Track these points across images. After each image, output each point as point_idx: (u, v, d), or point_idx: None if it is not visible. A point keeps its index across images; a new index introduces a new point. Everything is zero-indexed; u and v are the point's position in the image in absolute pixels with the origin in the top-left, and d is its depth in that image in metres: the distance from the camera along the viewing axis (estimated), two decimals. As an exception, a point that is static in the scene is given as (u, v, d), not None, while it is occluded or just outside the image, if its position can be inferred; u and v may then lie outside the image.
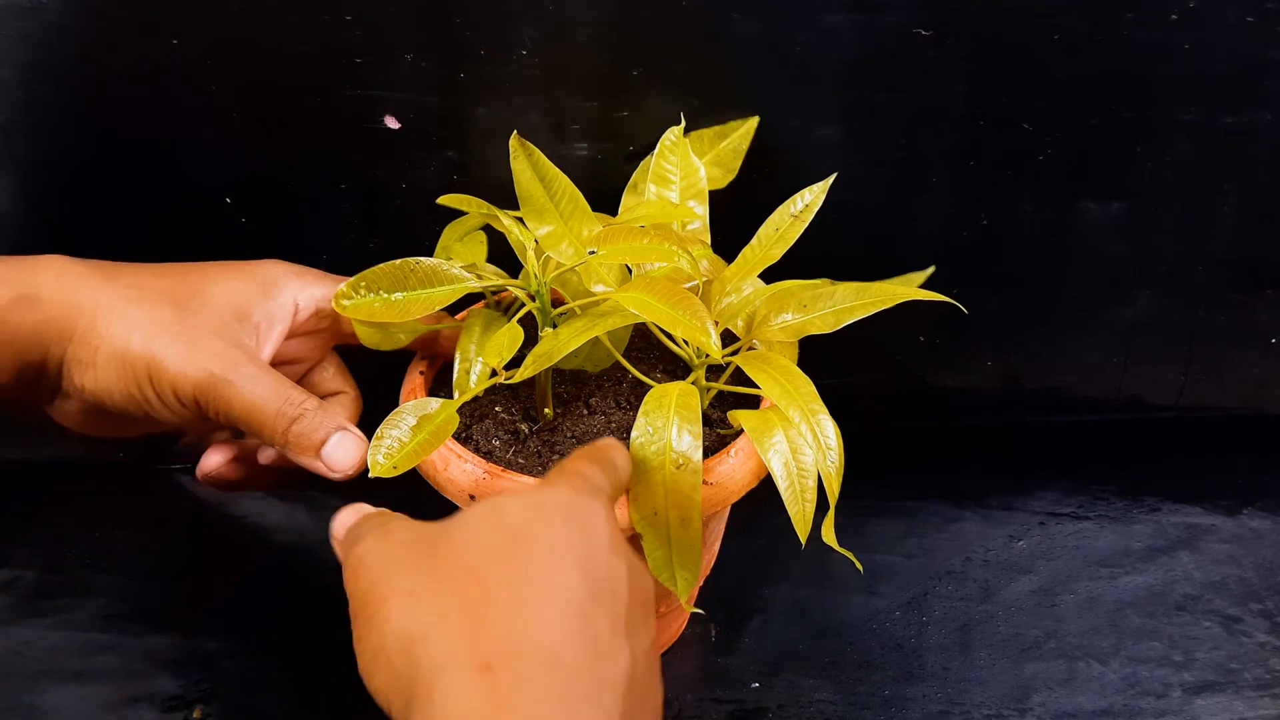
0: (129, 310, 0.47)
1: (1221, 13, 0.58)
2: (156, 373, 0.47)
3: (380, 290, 0.48)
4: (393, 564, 0.37)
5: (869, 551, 0.66)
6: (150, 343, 0.47)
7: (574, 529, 0.37)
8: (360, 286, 0.48)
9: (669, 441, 0.46)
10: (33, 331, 0.47)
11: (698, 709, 0.58)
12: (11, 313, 0.47)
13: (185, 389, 0.47)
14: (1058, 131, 0.62)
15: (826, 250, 0.56)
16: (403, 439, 0.45)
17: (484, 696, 0.32)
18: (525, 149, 0.49)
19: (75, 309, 0.47)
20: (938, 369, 0.72)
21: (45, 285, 0.47)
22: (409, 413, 0.46)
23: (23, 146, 0.58)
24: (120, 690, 0.57)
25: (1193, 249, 0.67)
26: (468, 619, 0.34)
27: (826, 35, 0.58)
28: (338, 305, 0.48)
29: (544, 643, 0.34)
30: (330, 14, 0.55)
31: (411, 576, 0.36)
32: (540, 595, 0.35)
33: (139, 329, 0.47)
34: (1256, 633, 0.63)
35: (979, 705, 0.58)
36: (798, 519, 0.46)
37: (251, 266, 0.52)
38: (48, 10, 0.54)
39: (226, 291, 0.50)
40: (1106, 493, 0.73)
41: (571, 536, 0.37)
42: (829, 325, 0.50)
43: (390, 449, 0.45)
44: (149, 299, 0.48)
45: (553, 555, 0.36)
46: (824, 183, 0.53)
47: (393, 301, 0.48)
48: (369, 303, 0.48)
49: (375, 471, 0.44)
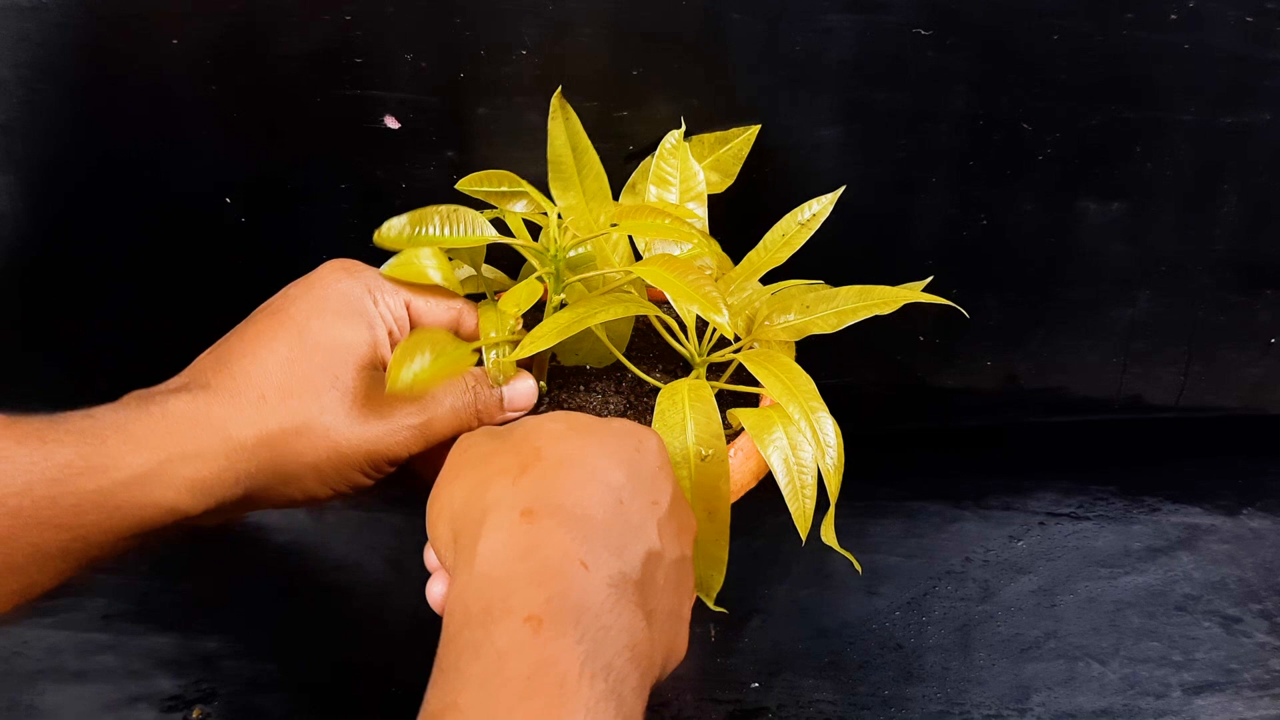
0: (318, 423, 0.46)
1: (1221, 13, 0.58)
2: (376, 460, 0.46)
3: (416, 227, 0.49)
4: (478, 441, 0.43)
5: (869, 551, 0.66)
6: (352, 434, 0.45)
7: (630, 443, 0.42)
8: (402, 223, 0.49)
9: (691, 434, 0.46)
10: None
11: (697, 709, 0.58)
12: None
13: (398, 456, 0.47)
14: (1058, 131, 0.62)
15: (826, 250, 0.56)
16: (424, 364, 0.45)
17: (522, 533, 0.37)
18: (564, 111, 0.50)
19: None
20: (938, 369, 0.72)
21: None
22: (430, 341, 0.46)
23: (23, 146, 0.58)
24: (120, 690, 0.57)
25: (1193, 249, 0.66)
26: (521, 476, 0.39)
27: (826, 35, 0.58)
28: (377, 237, 0.49)
29: (581, 503, 0.39)
30: (330, 14, 0.55)
31: (488, 444, 0.42)
32: (586, 471, 0.40)
33: (335, 431, 0.45)
34: (1256, 633, 0.63)
35: (979, 705, 0.58)
36: (798, 515, 0.46)
37: (333, 308, 0.48)
38: (48, 10, 0.54)
39: (346, 342, 0.47)
40: (1106, 493, 0.73)
41: (627, 447, 0.41)
42: (832, 326, 0.50)
43: (412, 368, 0.44)
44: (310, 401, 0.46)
45: (605, 451, 0.41)
46: (833, 194, 0.53)
47: (420, 239, 0.49)
48: (404, 237, 0.49)
49: (393, 388, 0.43)
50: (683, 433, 0.47)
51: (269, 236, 0.63)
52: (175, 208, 0.62)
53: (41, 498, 0.40)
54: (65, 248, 0.63)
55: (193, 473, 0.42)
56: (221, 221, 0.62)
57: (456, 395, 0.48)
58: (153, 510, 0.42)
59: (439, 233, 0.49)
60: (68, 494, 0.40)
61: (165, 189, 0.61)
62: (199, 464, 0.42)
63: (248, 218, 0.62)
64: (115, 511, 0.41)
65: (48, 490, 0.40)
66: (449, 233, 0.49)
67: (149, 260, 0.64)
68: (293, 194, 0.61)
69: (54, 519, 0.40)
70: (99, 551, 0.42)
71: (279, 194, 0.61)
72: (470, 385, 0.49)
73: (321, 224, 0.63)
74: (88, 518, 0.40)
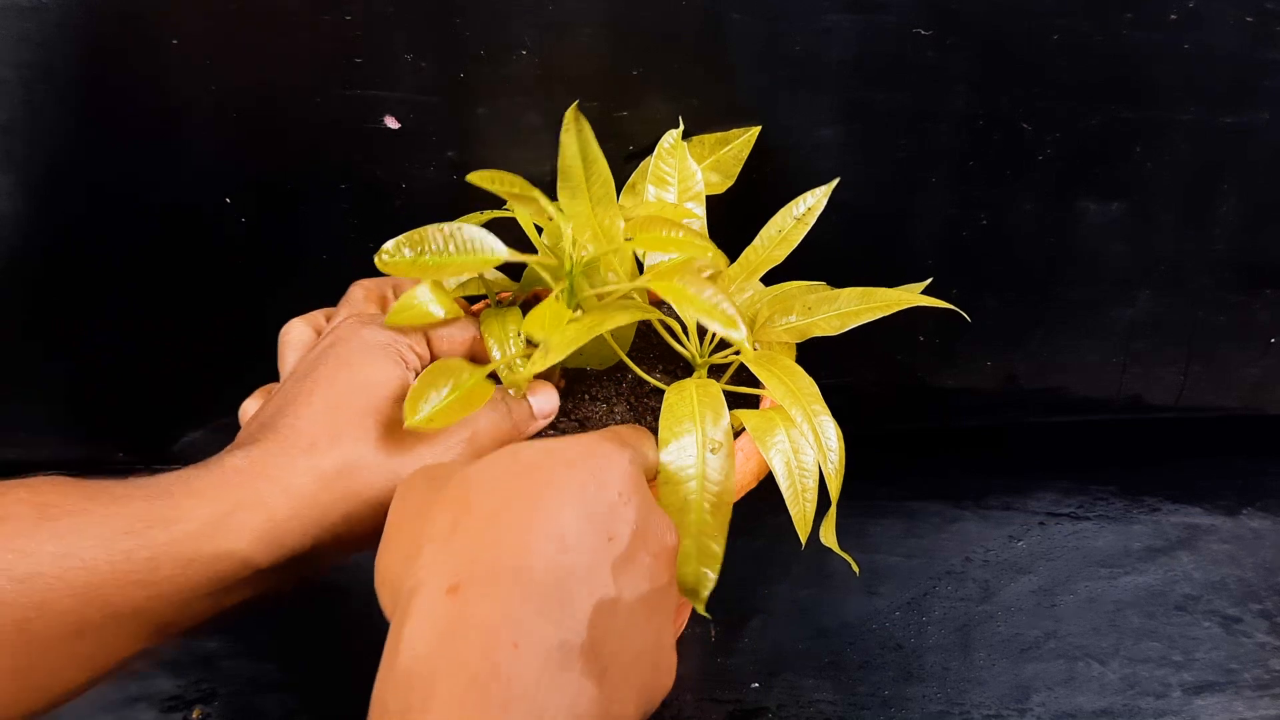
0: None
1: (1221, 13, 0.58)
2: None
3: (420, 252, 0.47)
4: (415, 489, 0.40)
5: (869, 551, 0.66)
6: (404, 462, 0.46)
7: (585, 471, 0.39)
8: (403, 245, 0.47)
9: (703, 429, 0.46)
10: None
11: (698, 709, 0.58)
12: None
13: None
14: (1058, 131, 0.62)
15: (826, 250, 0.56)
16: (439, 400, 0.45)
17: (445, 614, 0.34)
18: (578, 124, 0.49)
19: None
20: (938, 369, 0.72)
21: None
22: (448, 375, 0.46)
23: (23, 146, 0.58)
24: (120, 690, 0.57)
25: (1193, 249, 0.66)
26: (452, 537, 0.36)
27: (826, 35, 0.58)
28: (378, 261, 0.47)
29: (514, 565, 0.35)
30: (330, 14, 0.55)
31: (422, 495, 0.39)
32: (522, 523, 0.36)
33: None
34: (1256, 633, 0.63)
35: (979, 705, 0.59)
36: (798, 519, 0.46)
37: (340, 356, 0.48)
38: (48, 10, 0.54)
39: (380, 380, 0.47)
40: (1106, 493, 0.73)
41: (579, 476, 0.38)
42: (834, 328, 0.50)
43: (428, 403, 0.45)
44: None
45: (549, 490, 0.38)
46: (827, 186, 0.53)
47: (426, 263, 0.47)
48: (406, 261, 0.47)
49: (410, 424, 0.44)
50: (698, 425, 0.47)
51: (269, 236, 0.63)
52: (175, 208, 0.61)
53: (117, 552, 0.40)
54: (65, 248, 0.63)
55: (258, 522, 0.42)
56: (222, 222, 0.62)
57: (492, 410, 0.48)
58: (225, 563, 0.42)
59: (443, 251, 0.47)
60: (142, 547, 0.40)
61: (165, 189, 0.61)
62: (263, 513, 0.42)
63: (248, 218, 0.62)
64: (189, 565, 0.41)
65: (122, 544, 0.40)
66: (453, 250, 0.47)
67: (149, 260, 0.64)
68: (293, 194, 0.61)
69: (130, 574, 0.40)
70: (174, 613, 0.41)
71: (279, 194, 0.61)
72: (501, 399, 0.49)
73: (321, 224, 0.63)
74: (161, 572, 0.40)
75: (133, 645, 0.41)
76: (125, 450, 0.71)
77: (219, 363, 0.67)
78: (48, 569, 0.39)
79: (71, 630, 0.39)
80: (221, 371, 0.51)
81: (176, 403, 0.70)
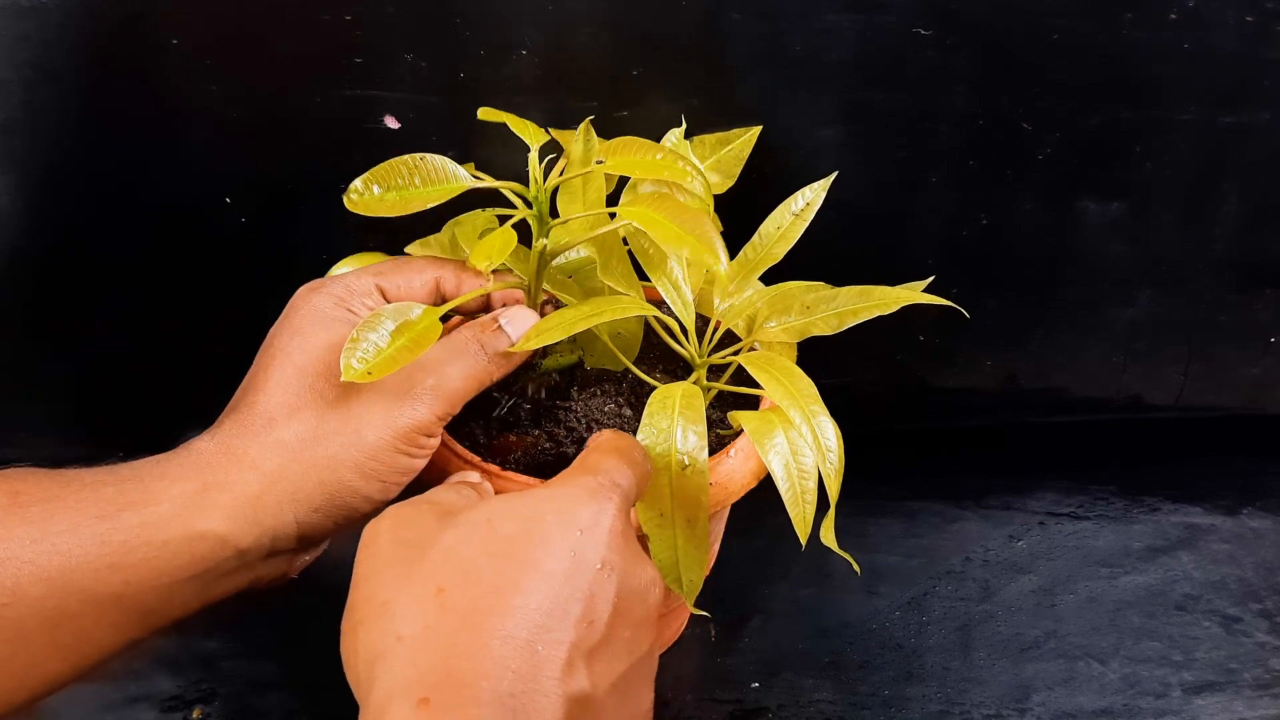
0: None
1: (1221, 13, 0.58)
2: (407, 434, 0.45)
3: (387, 187, 0.47)
4: (385, 565, 0.38)
5: (869, 551, 0.66)
6: (368, 418, 0.44)
7: (566, 546, 0.37)
8: (370, 183, 0.47)
9: (674, 443, 0.46)
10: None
11: (698, 709, 0.58)
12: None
13: (427, 422, 0.45)
14: (1058, 131, 0.62)
15: (826, 250, 0.56)
16: (380, 344, 0.44)
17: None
18: (587, 134, 0.49)
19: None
20: (938, 369, 0.72)
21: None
22: (389, 316, 0.45)
23: (23, 146, 0.58)
24: (120, 690, 0.57)
25: (1193, 249, 0.66)
26: (421, 643, 0.35)
27: (826, 35, 0.58)
28: (347, 201, 0.47)
29: (481, 669, 0.34)
30: (330, 14, 0.55)
31: (390, 586, 0.37)
32: (496, 616, 0.35)
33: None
34: (1256, 633, 0.63)
35: (979, 705, 0.59)
36: (798, 521, 0.46)
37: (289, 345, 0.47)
38: (48, 10, 0.54)
39: (330, 344, 0.46)
40: (1106, 493, 0.73)
41: (559, 555, 0.37)
42: (832, 327, 0.50)
43: (365, 354, 0.43)
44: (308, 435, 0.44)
45: (527, 575, 0.36)
46: (824, 181, 0.53)
47: (391, 199, 0.47)
48: (376, 199, 0.47)
49: (347, 376, 0.42)
50: (670, 439, 0.46)
51: (269, 237, 0.63)
52: (175, 208, 0.61)
53: (89, 536, 0.39)
54: (66, 248, 0.63)
55: (230, 500, 0.42)
56: (222, 222, 0.62)
57: (460, 354, 0.46)
58: (202, 544, 0.41)
59: (409, 184, 0.47)
60: (114, 530, 0.40)
61: (165, 189, 0.61)
62: (233, 490, 0.42)
63: (248, 218, 0.62)
64: (163, 548, 0.40)
65: (94, 528, 0.40)
66: (419, 182, 0.47)
67: (149, 260, 0.64)
68: (293, 194, 0.61)
69: (103, 558, 0.39)
70: (157, 600, 0.41)
71: (279, 194, 0.61)
72: (472, 337, 0.47)
73: (321, 224, 0.62)
74: (136, 555, 0.40)
75: (116, 636, 0.41)
76: (126, 450, 0.71)
77: (219, 363, 0.67)
78: (19, 554, 0.38)
79: (49, 619, 0.39)
80: (221, 371, 0.51)
81: (176, 403, 0.70)
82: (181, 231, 0.62)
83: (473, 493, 0.44)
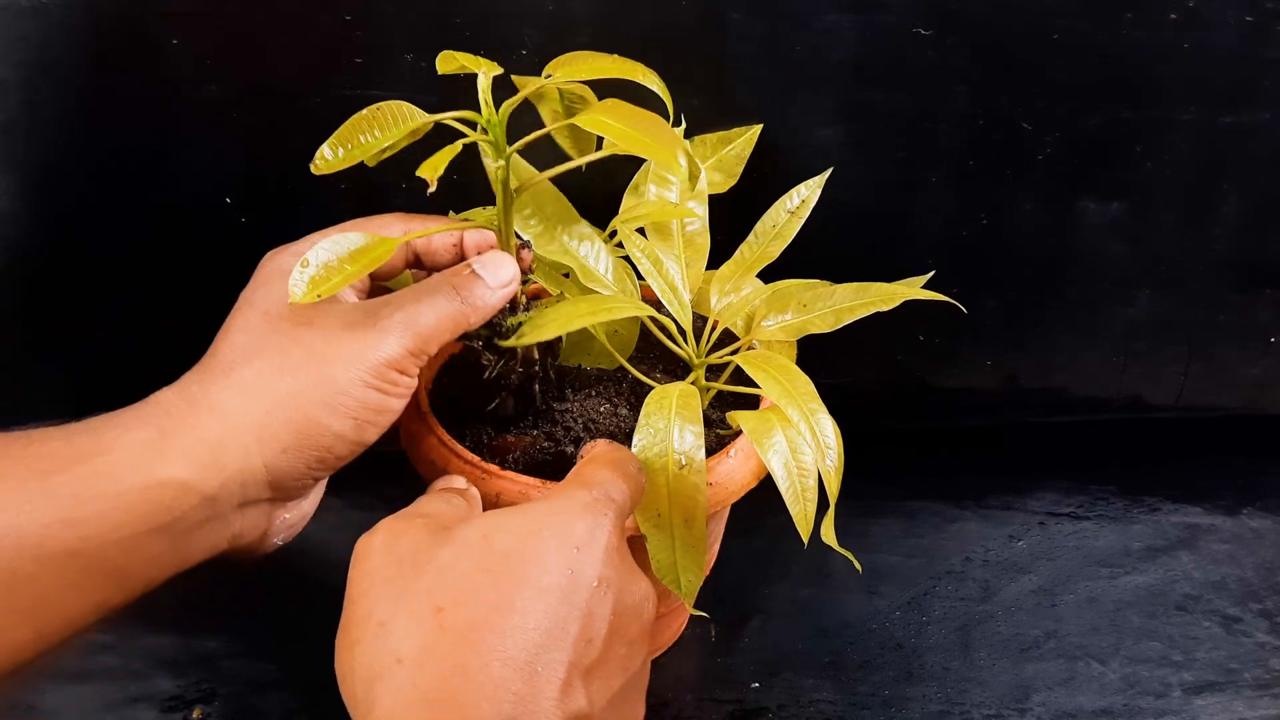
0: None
1: (1221, 13, 0.58)
2: (377, 369, 0.43)
3: (350, 146, 0.46)
4: (380, 582, 0.38)
5: (869, 551, 0.66)
6: (336, 352, 0.43)
7: (562, 564, 0.37)
8: (335, 147, 0.46)
9: (671, 443, 0.46)
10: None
11: (698, 709, 0.58)
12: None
13: (398, 357, 0.44)
14: (1058, 131, 0.62)
15: (826, 250, 0.56)
16: (330, 263, 0.43)
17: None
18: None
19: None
20: (938, 369, 0.72)
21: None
22: (341, 243, 0.43)
23: (23, 146, 0.58)
24: (120, 690, 0.57)
25: (1193, 249, 0.67)
26: (420, 664, 0.35)
27: (826, 35, 0.58)
28: (313, 168, 0.46)
29: (482, 691, 0.34)
30: (330, 14, 0.55)
31: (386, 605, 0.37)
32: (494, 638, 0.35)
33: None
34: (1256, 633, 0.63)
35: (979, 705, 0.58)
36: (799, 519, 0.46)
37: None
38: (48, 10, 0.54)
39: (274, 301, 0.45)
40: (1106, 493, 0.73)
41: (555, 572, 0.37)
42: (829, 324, 0.50)
43: (316, 275, 0.42)
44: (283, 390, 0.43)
45: (523, 594, 0.36)
46: (819, 178, 0.53)
47: (356, 154, 0.46)
48: (340, 159, 0.46)
49: (293, 298, 0.41)
50: (668, 440, 0.46)
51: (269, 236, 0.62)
52: (176, 208, 0.62)
53: (36, 491, 0.37)
54: (66, 248, 0.63)
55: (189, 444, 0.40)
56: (222, 221, 0.62)
57: (433, 295, 0.45)
58: (163, 491, 0.39)
59: (369, 139, 0.46)
60: (62, 483, 0.38)
61: (165, 189, 0.61)
62: (193, 434, 0.40)
63: (248, 218, 0.62)
64: (120, 499, 0.38)
65: (41, 483, 0.38)
66: (379, 134, 0.46)
67: (149, 261, 0.64)
68: (293, 194, 0.61)
69: (53, 512, 0.37)
70: (122, 555, 0.39)
71: (279, 194, 0.61)
72: (446, 280, 0.46)
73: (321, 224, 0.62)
74: (90, 507, 0.38)
75: (80, 598, 0.39)
76: (125, 450, 0.71)
77: (219, 363, 0.67)
78: None
79: (1, 581, 0.36)
80: (221, 371, 0.51)
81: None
82: (181, 231, 0.62)
83: (462, 502, 0.44)
